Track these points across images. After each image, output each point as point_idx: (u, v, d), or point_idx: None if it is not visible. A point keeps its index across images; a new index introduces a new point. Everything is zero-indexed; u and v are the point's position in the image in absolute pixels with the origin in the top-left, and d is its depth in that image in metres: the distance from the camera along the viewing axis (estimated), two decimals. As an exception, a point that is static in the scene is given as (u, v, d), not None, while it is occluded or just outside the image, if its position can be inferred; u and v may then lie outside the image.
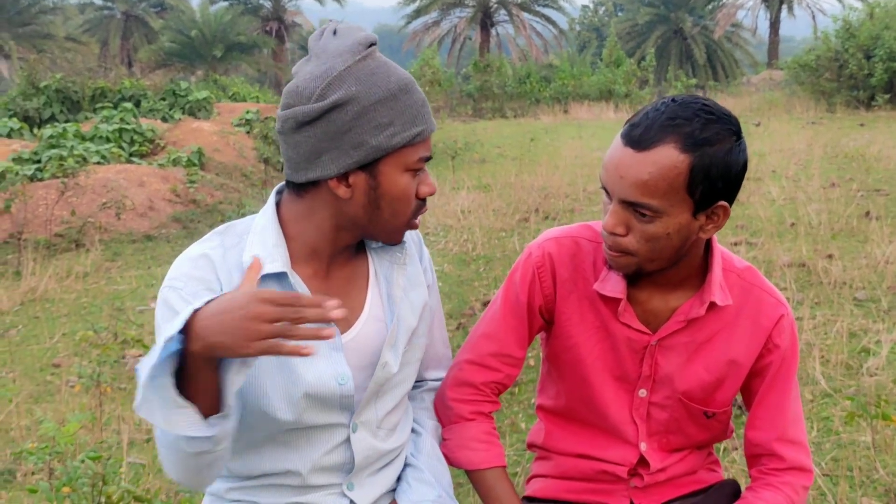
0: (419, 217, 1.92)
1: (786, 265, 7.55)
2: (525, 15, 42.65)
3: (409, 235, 2.01)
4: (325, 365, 1.86)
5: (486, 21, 41.98)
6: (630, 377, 2.04)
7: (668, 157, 1.77)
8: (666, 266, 1.91)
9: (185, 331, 1.56)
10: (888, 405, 3.91)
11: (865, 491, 3.86)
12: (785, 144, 15.29)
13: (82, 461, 3.35)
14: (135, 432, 5.20)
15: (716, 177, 1.80)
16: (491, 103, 29.85)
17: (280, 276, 1.83)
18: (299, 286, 1.84)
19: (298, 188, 1.85)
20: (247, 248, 1.84)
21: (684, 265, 1.95)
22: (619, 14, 57.98)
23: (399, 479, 2.09)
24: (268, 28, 47.35)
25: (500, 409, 2.19)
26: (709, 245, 2.00)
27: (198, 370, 1.59)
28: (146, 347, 6.21)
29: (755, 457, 2.10)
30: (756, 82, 33.45)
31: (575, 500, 2.15)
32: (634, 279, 1.98)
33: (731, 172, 1.82)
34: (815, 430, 4.53)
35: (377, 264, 1.99)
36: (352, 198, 1.81)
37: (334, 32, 1.81)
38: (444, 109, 27.88)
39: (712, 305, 1.97)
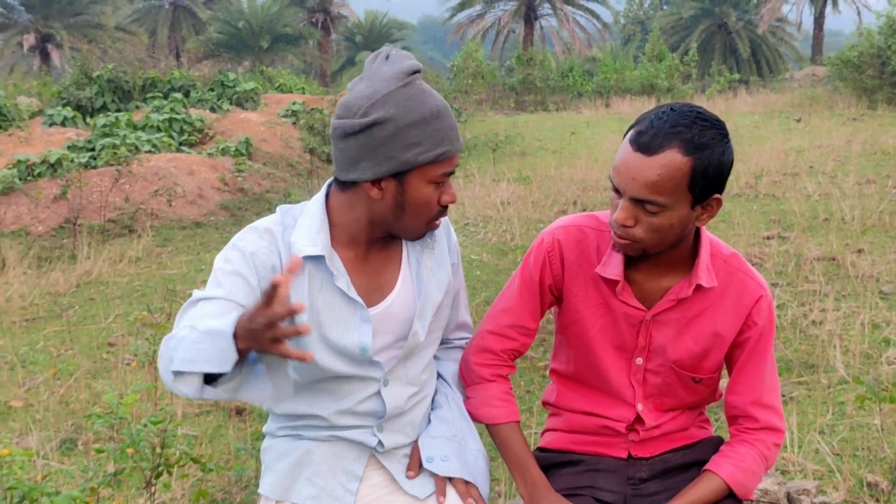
0: (439, 220, 2.26)
1: (815, 259, 7.73)
2: (569, 8, 42.55)
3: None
4: (353, 335, 2.23)
5: (529, 14, 41.99)
6: (628, 347, 2.35)
7: (674, 160, 2.05)
8: (665, 250, 2.20)
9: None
10: (896, 390, 4.14)
11: (872, 468, 4.08)
12: (824, 141, 15.36)
13: (145, 425, 3.64)
14: (187, 406, 5.50)
15: (712, 175, 2.08)
16: (533, 96, 29.81)
17: (320, 258, 2.19)
18: (337, 267, 2.20)
19: (342, 184, 2.21)
20: (296, 230, 2.20)
21: (677, 250, 2.24)
22: (664, 8, 57.74)
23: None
24: (314, 19, 47.54)
25: (515, 371, 2.50)
26: (698, 233, 2.28)
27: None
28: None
29: (734, 417, 2.40)
30: (799, 78, 33.19)
31: (581, 450, 2.47)
32: (634, 261, 2.27)
33: (723, 170, 2.11)
34: (829, 414, 4.75)
35: (409, 248, 2.34)
36: (382, 199, 2.16)
37: (387, 57, 2.16)
38: (486, 102, 27.87)
39: (699, 287, 2.26)
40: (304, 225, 2.21)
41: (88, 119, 17.58)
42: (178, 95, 17.91)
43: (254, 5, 43.68)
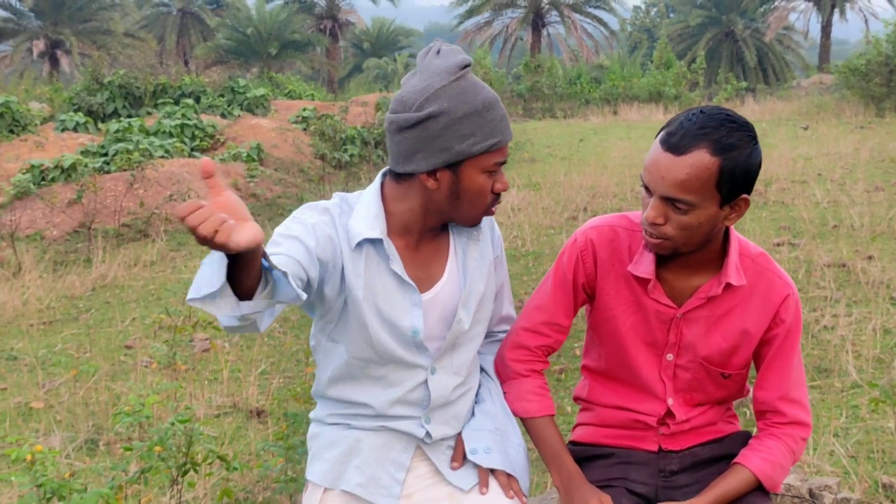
0: (495, 206, 2.35)
1: (826, 265, 7.78)
2: (576, 16, 42.55)
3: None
4: (405, 318, 2.32)
5: (537, 22, 42.00)
6: (659, 343, 2.41)
7: (702, 160, 2.12)
8: (695, 249, 2.27)
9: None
10: (910, 393, 4.19)
11: (886, 470, 4.14)
12: (832, 148, 15.40)
13: (172, 424, 3.71)
14: (206, 408, 5.57)
15: (739, 175, 2.15)
16: (541, 103, 29.87)
17: (377, 242, 2.28)
18: (392, 252, 2.29)
19: (397, 176, 2.30)
20: (353, 216, 2.29)
21: (706, 250, 2.31)
22: (671, 16, 57.79)
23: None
24: (322, 26, 47.58)
25: (549, 367, 2.58)
26: (727, 233, 2.35)
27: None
28: (217, 330, 6.59)
29: (761, 412, 2.46)
30: (806, 86, 33.20)
31: (613, 444, 2.54)
32: (665, 260, 2.34)
33: (751, 171, 2.17)
34: (843, 417, 4.81)
35: (456, 240, 2.43)
36: (438, 189, 2.25)
37: (438, 52, 2.25)
38: (495, 109, 27.90)
39: (728, 285, 2.33)
40: (360, 212, 2.29)
41: (100, 124, 17.66)
42: (190, 101, 17.98)
43: (262, 12, 43.78)
